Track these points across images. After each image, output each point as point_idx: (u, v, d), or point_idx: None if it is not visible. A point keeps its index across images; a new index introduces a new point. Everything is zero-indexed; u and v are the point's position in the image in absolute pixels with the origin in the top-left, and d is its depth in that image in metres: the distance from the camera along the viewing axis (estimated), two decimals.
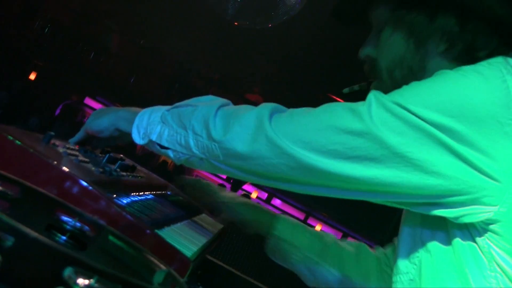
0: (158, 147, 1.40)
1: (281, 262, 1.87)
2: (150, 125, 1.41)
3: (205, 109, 1.34)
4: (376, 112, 1.13)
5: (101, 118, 1.57)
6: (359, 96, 1.56)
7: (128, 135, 1.49)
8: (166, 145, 1.38)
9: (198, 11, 12.22)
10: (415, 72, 1.36)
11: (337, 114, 1.17)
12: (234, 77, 14.53)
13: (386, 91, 1.35)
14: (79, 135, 1.64)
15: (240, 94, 14.14)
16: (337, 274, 1.79)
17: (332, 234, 1.88)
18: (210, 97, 1.44)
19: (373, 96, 1.16)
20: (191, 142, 1.33)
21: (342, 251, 1.82)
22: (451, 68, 1.27)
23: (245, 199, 1.93)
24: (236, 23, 7.56)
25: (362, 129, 1.13)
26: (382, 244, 1.86)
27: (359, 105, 1.16)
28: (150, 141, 1.41)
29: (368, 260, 1.81)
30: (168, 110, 1.42)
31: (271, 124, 1.21)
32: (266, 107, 1.26)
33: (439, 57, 1.33)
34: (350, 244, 1.87)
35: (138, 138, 1.44)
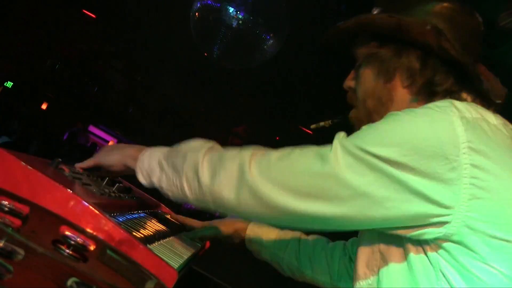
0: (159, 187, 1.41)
1: (259, 258, 1.95)
2: (150, 168, 1.42)
3: (194, 156, 1.33)
4: (341, 156, 1.15)
5: (112, 155, 1.58)
6: (324, 130, 1.59)
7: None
8: (164, 188, 1.39)
9: (187, 53, 12.28)
10: (384, 103, 1.38)
11: (308, 159, 1.19)
12: (217, 109, 14.58)
13: (360, 117, 1.42)
14: (89, 164, 1.62)
15: (223, 126, 14.17)
16: (296, 264, 1.87)
17: (298, 232, 1.94)
18: (197, 142, 1.42)
19: (338, 142, 1.18)
20: (186, 188, 1.33)
21: (300, 245, 1.89)
22: (414, 101, 1.33)
23: (220, 220, 1.97)
24: (221, 64, 7.61)
25: (330, 172, 1.15)
26: None
27: (327, 151, 1.18)
28: (152, 181, 1.42)
29: (322, 251, 1.87)
30: (164, 158, 1.41)
31: (251, 171, 1.22)
32: (246, 154, 1.27)
33: (404, 90, 1.35)
34: (311, 238, 1.93)
35: (142, 179, 1.45)
